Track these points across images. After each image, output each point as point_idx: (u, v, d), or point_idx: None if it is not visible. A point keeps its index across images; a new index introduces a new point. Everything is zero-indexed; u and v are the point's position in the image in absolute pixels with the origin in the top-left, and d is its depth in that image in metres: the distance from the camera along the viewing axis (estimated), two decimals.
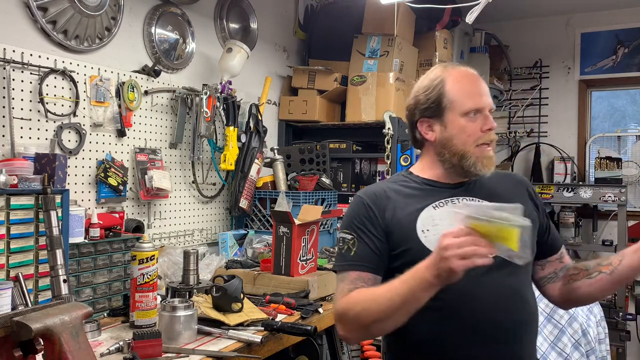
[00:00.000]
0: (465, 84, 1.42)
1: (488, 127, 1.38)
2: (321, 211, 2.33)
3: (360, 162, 3.50)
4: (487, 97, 1.41)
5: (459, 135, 1.39)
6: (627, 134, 4.47)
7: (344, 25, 3.59)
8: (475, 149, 1.38)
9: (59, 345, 1.07)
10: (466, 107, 1.39)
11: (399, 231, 1.38)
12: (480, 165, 1.38)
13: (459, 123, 1.39)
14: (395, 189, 1.46)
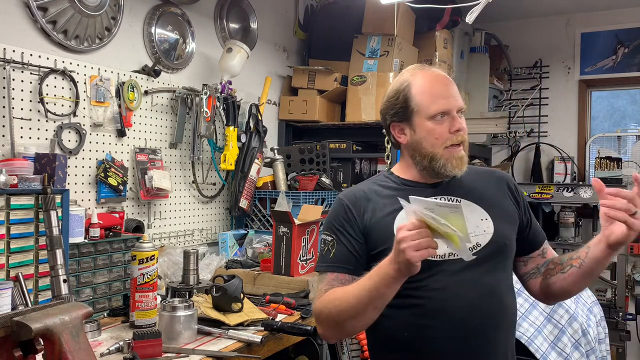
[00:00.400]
0: (430, 87, 1.43)
1: (455, 128, 1.40)
2: (321, 211, 2.33)
3: (360, 162, 3.49)
4: (453, 99, 1.41)
5: (427, 138, 1.41)
6: (627, 134, 4.47)
7: (344, 25, 3.59)
8: (444, 150, 1.40)
9: (59, 345, 1.07)
10: (432, 110, 1.40)
11: (377, 232, 1.41)
12: (450, 166, 1.40)
13: (426, 126, 1.41)
14: (375, 189, 1.49)
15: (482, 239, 1.39)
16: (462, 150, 1.41)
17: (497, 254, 1.41)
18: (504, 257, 1.43)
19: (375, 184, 1.52)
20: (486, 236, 1.39)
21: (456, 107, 1.41)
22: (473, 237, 1.38)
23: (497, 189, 1.50)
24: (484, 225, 1.40)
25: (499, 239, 1.40)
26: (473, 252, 1.35)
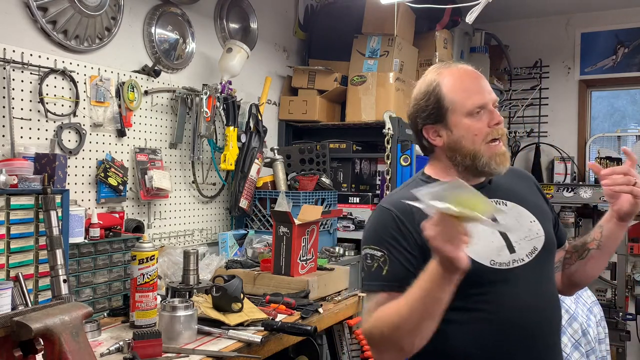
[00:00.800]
0: (462, 83, 1.36)
1: (495, 121, 1.33)
2: (321, 211, 2.33)
3: (360, 162, 3.49)
4: (488, 93, 1.35)
5: (466, 136, 1.33)
6: (627, 134, 4.47)
7: (344, 25, 3.59)
8: (485, 146, 1.32)
9: (59, 345, 1.07)
10: (468, 106, 1.33)
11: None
12: (494, 163, 1.32)
13: (465, 123, 1.33)
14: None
15: (538, 243, 1.36)
16: (503, 146, 1.35)
17: (550, 255, 1.38)
18: (553, 256, 1.42)
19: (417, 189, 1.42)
20: (540, 239, 1.36)
21: (492, 100, 1.35)
22: (529, 240, 1.35)
23: (529, 188, 1.48)
24: (535, 228, 1.36)
25: (549, 240, 1.38)
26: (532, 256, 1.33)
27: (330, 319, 2.09)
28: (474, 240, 1.22)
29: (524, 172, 1.57)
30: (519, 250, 1.33)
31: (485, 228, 1.25)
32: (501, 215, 1.30)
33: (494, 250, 1.30)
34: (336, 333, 2.33)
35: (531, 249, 1.34)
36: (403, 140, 3.11)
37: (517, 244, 1.33)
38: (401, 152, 3.10)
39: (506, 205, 1.37)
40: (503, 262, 1.30)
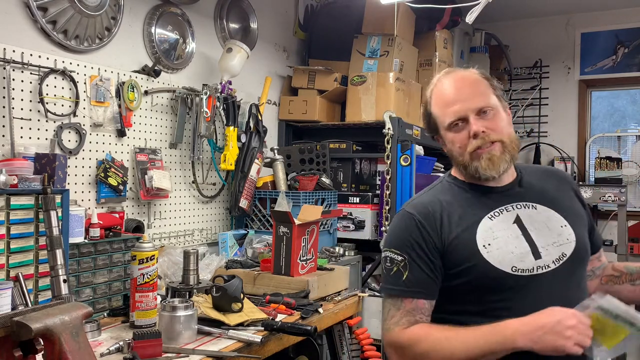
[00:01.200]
0: (442, 96, 1.39)
1: (472, 133, 1.33)
2: (321, 211, 2.33)
3: (360, 162, 3.49)
4: (465, 102, 1.34)
5: (453, 149, 1.38)
6: (627, 134, 4.47)
7: (344, 25, 3.59)
8: (470, 156, 1.35)
9: (59, 345, 1.07)
10: (446, 122, 1.37)
11: (458, 248, 1.32)
12: (481, 169, 1.34)
13: (449, 137, 1.39)
14: (446, 199, 1.40)
15: (567, 249, 1.32)
16: (492, 150, 1.33)
17: (580, 261, 1.35)
18: (585, 263, 1.38)
19: (443, 193, 1.42)
20: (570, 245, 1.33)
21: (471, 109, 1.34)
22: (557, 246, 1.32)
23: (564, 191, 1.44)
24: (565, 233, 1.34)
25: (581, 246, 1.34)
26: (559, 263, 1.30)
27: (330, 319, 2.09)
28: (495, 246, 1.28)
29: (561, 174, 1.52)
30: (545, 257, 1.30)
31: (510, 233, 1.31)
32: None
33: (517, 256, 1.29)
34: (336, 333, 2.33)
35: (559, 255, 1.31)
36: (403, 140, 3.11)
37: (544, 250, 1.31)
38: (401, 152, 3.09)
39: (536, 208, 1.36)
40: (526, 269, 1.29)
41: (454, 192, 1.42)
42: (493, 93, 1.39)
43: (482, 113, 1.34)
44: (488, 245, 1.30)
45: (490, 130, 1.33)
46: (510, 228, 1.33)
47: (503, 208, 1.36)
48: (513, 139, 1.37)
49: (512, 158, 1.37)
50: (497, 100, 1.39)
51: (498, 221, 1.34)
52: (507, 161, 1.35)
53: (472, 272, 1.30)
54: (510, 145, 1.35)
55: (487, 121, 1.34)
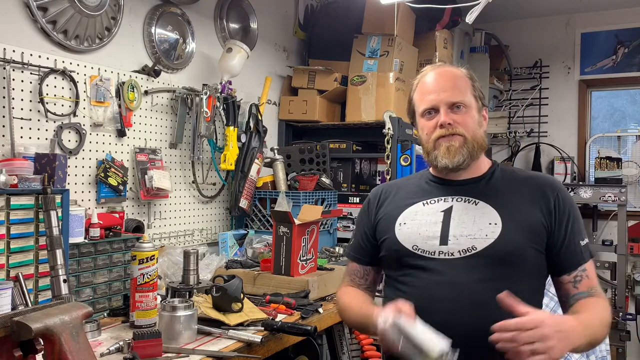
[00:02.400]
0: (424, 85, 1.49)
1: (439, 122, 1.42)
2: (321, 211, 2.33)
3: (360, 162, 3.49)
4: (441, 94, 1.43)
5: (421, 135, 1.50)
6: (627, 134, 4.47)
7: (344, 25, 3.59)
8: (433, 143, 1.44)
9: (59, 345, 1.07)
10: (421, 108, 1.48)
11: (382, 223, 1.52)
12: (439, 156, 1.43)
13: (420, 123, 1.50)
14: (404, 184, 1.59)
15: (480, 243, 1.35)
16: (451, 141, 1.42)
17: (497, 261, 1.34)
18: (508, 266, 1.34)
19: (409, 180, 1.62)
20: (486, 240, 1.35)
21: (443, 101, 1.43)
22: (471, 239, 1.36)
23: (526, 197, 1.42)
24: (488, 230, 1.36)
25: (501, 246, 1.33)
26: (465, 254, 1.35)
27: (330, 319, 2.09)
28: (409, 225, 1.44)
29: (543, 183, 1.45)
30: (452, 245, 1.37)
31: (430, 218, 1.43)
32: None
33: (422, 237, 1.41)
34: (336, 333, 2.33)
35: (468, 247, 1.36)
36: (403, 140, 3.11)
37: (454, 238, 1.38)
38: (401, 152, 3.09)
39: (476, 204, 1.42)
40: (427, 250, 1.39)
41: (416, 181, 1.58)
42: (472, 93, 1.47)
43: (454, 107, 1.44)
44: (404, 224, 1.46)
45: (457, 124, 1.42)
46: (434, 214, 1.44)
47: (442, 198, 1.47)
48: (477, 139, 1.44)
49: (471, 154, 1.43)
50: (474, 100, 1.47)
51: (429, 207, 1.46)
52: (464, 155, 1.42)
53: (385, 245, 1.49)
54: (471, 142, 1.43)
55: (456, 115, 1.43)
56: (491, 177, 1.49)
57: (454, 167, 1.43)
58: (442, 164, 1.43)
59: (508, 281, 1.31)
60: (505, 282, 1.31)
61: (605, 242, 4.07)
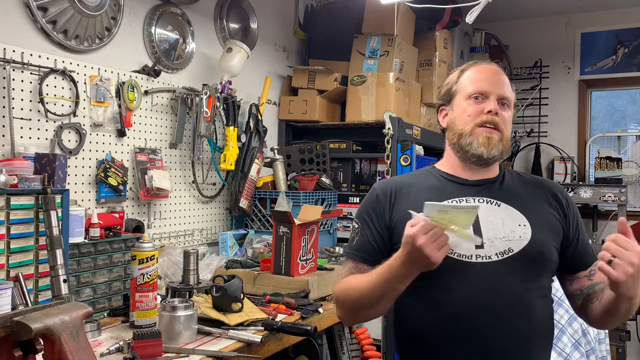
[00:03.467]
0: (476, 73, 1.47)
1: (489, 109, 1.39)
2: (321, 211, 2.33)
3: (360, 162, 3.49)
4: (496, 86, 1.42)
5: (461, 116, 1.44)
6: (627, 134, 4.47)
7: (344, 25, 3.59)
8: (473, 128, 1.40)
9: (59, 345, 1.07)
10: (469, 90, 1.44)
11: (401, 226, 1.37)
12: (476, 143, 1.39)
13: (462, 105, 1.44)
14: (414, 182, 1.49)
15: (516, 245, 1.35)
16: (493, 132, 1.39)
17: (532, 262, 1.35)
18: (539, 266, 1.37)
19: (416, 177, 1.53)
20: (521, 242, 1.35)
21: (496, 92, 1.41)
22: (506, 241, 1.35)
23: (542, 199, 1.45)
24: (520, 231, 1.36)
25: (535, 246, 1.35)
26: (503, 256, 1.33)
27: (330, 319, 2.09)
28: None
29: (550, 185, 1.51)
30: (488, 248, 1.34)
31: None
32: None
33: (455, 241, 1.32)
34: (336, 333, 2.33)
35: (505, 249, 1.34)
36: (403, 140, 3.11)
37: (489, 242, 1.35)
38: (401, 152, 3.09)
39: (499, 206, 1.40)
40: (463, 255, 1.34)
41: (426, 178, 1.50)
42: (513, 92, 1.48)
43: (502, 102, 1.43)
44: None
45: (501, 118, 1.41)
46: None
47: (464, 199, 1.42)
48: (507, 139, 1.44)
49: (502, 153, 1.42)
50: (513, 100, 1.48)
51: None
52: (499, 150, 1.40)
53: None
54: (505, 141, 1.42)
55: (502, 111, 1.42)
56: (503, 178, 1.48)
57: (488, 158, 1.39)
58: (478, 152, 1.39)
59: (538, 280, 1.37)
60: (537, 281, 1.36)
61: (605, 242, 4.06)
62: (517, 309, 1.32)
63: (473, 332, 1.30)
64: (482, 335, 1.30)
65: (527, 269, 1.35)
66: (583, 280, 1.44)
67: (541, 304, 1.36)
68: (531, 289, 1.34)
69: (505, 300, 1.31)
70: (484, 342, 1.30)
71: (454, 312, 1.31)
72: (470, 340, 1.30)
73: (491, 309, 1.30)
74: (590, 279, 1.43)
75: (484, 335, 1.30)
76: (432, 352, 1.35)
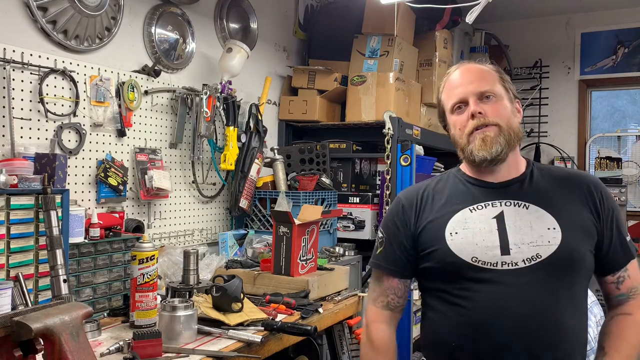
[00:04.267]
0: (450, 82, 1.44)
1: (469, 113, 1.36)
2: (321, 211, 2.33)
3: (360, 162, 3.49)
4: (470, 86, 1.38)
5: (455, 132, 1.42)
6: (627, 134, 4.47)
7: (344, 25, 3.59)
8: (467, 137, 1.37)
9: (59, 345, 1.07)
10: (449, 105, 1.42)
11: (428, 232, 1.39)
12: (475, 149, 1.35)
13: (451, 120, 1.43)
14: (440, 187, 1.47)
15: (544, 250, 1.29)
16: (486, 131, 1.34)
17: (562, 268, 1.29)
18: (571, 272, 1.31)
19: (441, 181, 1.49)
20: (549, 247, 1.29)
21: (472, 92, 1.37)
22: (534, 246, 1.29)
23: (576, 197, 1.37)
24: (549, 235, 1.30)
25: (565, 251, 1.29)
26: (530, 263, 1.28)
27: (330, 319, 2.09)
28: (461, 235, 1.33)
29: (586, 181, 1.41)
30: (515, 254, 1.29)
31: (483, 226, 1.32)
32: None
33: (481, 248, 1.31)
34: (336, 333, 2.33)
35: (532, 255, 1.29)
36: (403, 140, 3.11)
37: (516, 247, 1.30)
38: (401, 152, 3.09)
39: (527, 207, 1.34)
40: (488, 262, 1.30)
41: (451, 183, 1.46)
42: (500, 83, 1.41)
43: (484, 98, 1.37)
44: (455, 233, 1.35)
45: (488, 113, 1.36)
46: (486, 222, 1.34)
47: (489, 203, 1.37)
48: (512, 127, 1.37)
49: (508, 143, 1.35)
50: (504, 90, 1.40)
51: (477, 214, 1.36)
52: (502, 145, 1.34)
53: (435, 256, 1.36)
54: (507, 130, 1.35)
55: (487, 105, 1.36)
56: (532, 176, 1.40)
57: (492, 158, 1.34)
58: (480, 157, 1.34)
59: (570, 287, 1.31)
60: (568, 288, 1.31)
61: None
62: (543, 318, 1.27)
63: (495, 340, 1.27)
64: (504, 344, 1.26)
65: (557, 276, 1.29)
66: (610, 286, 1.39)
67: (572, 313, 1.31)
68: (560, 296, 1.29)
69: (530, 309, 1.26)
70: (507, 351, 1.26)
71: (477, 319, 1.29)
72: (492, 348, 1.27)
73: (515, 318, 1.26)
74: (617, 287, 1.38)
75: (507, 345, 1.26)
76: (452, 356, 1.33)
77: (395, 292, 1.47)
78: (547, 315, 1.27)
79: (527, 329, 1.26)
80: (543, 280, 1.28)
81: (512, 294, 1.27)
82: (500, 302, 1.27)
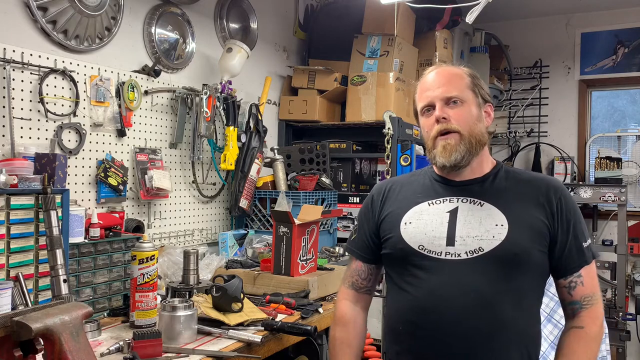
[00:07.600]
0: (422, 85, 1.50)
1: (435, 118, 1.43)
2: (321, 211, 2.33)
3: (360, 162, 3.49)
4: (437, 90, 1.43)
5: (423, 134, 1.50)
6: (627, 134, 4.47)
7: (344, 25, 3.59)
8: (433, 141, 1.44)
9: (59, 345, 1.07)
10: (419, 107, 1.50)
11: (388, 221, 1.50)
12: (437, 156, 1.43)
13: (421, 122, 1.50)
14: (409, 181, 1.57)
15: (487, 244, 1.34)
16: (447, 139, 1.40)
17: (504, 263, 1.33)
18: (512, 267, 1.34)
19: (413, 176, 1.60)
20: (493, 242, 1.34)
21: (438, 97, 1.43)
22: (478, 240, 1.35)
23: (531, 199, 1.40)
24: (495, 231, 1.35)
25: (508, 247, 1.33)
26: (472, 255, 1.34)
27: (330, 319, 2.08)
28: (414, 225, 1.43)
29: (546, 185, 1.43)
30: (459, 246, 1.36)
31: (436, 218, 1.43)
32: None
33: (429, 237, 1.40)
34: None
35: (475, 248, 1.35)
36: (403, 140, 3.11)
37: (461, 239, 1.37)
38: (401, 152, 3.09)
39: (481, 205, 1.41)
40: (434, 251, 1.38)
41: (420, 179, 1.55)
42: (470, 88, 1.44)
43: (450, 102, 1.42)
44: (409, 223, 1.45)
45: (452, 118, 1.41)
46: (440, 215, 1.42)
47: (448, 198, 1.45)
48: (475, 134, 1.41)
49: (469, 151, 1.41)
50: (472, 95, 1.44)
51: (434, 208, 1.45)
52: (461, 152, 1.40)
53: (390, 243, 1.47)
54: (468, 138, 1.40)
55: (451, 110, 1.42)
56: (495, 177, 1.46)
57: (451, 165, 1.41)
58: (440, 163, 1.42)
59: (512, 281, 1.35)
60: (510, 282, 1.34)
61: (605, 242, 4.07)
62: (479, 307, 1.32)
63: (435, 326, 1.34)
64: (443, 330, 1.33)
65: (498, 270, 1.33)
66: (563, 291, 1.41)
67: (513, 306, 1.33)
68: (501, 290, 1.33)
69: (469, 298, 1.32)
70: (446, 336, 1.33)
71: (420, 304, 1.36)
72: (431, 333, 1.34)
73: (454, 306, 1.32)
74: (569, 292, 1.40)
75: (445, 330, 1.33)
76: (398, 339, 1.42)
77: (359, 274, 1.58)
78: (484, 304, 1.32)
79: (464, 317, 1.32)
80: (482, 271, 1.34)
81: (452, 283, 1.34)
82: (441, 290, 1.34)
